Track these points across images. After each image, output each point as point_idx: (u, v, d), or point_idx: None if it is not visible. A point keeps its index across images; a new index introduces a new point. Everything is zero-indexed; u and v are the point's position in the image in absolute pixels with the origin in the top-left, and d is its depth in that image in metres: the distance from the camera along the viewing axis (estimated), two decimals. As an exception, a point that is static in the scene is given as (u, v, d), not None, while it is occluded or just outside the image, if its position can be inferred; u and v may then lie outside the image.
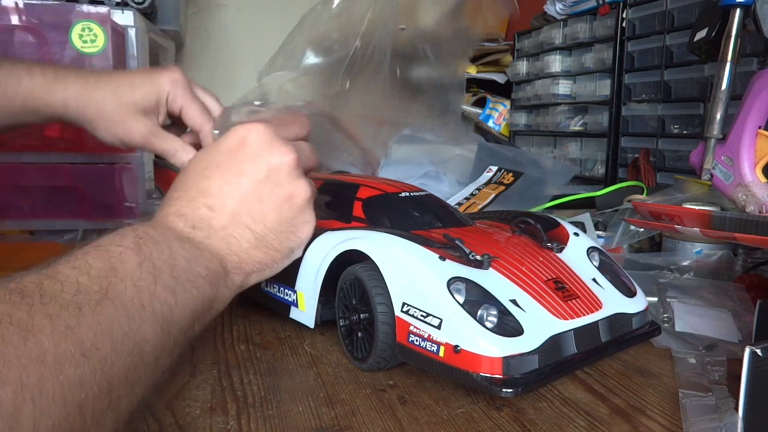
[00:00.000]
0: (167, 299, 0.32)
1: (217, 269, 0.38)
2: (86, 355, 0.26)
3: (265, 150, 0.41)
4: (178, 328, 0.33)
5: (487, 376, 0.34)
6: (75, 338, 0.26)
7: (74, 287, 0.28)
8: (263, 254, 0.41)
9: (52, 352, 0.24)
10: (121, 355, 0.28)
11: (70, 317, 0.26)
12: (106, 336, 0.27)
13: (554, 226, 0.50)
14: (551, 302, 0.40)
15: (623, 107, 1.10)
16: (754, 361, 0.31)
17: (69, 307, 0.27)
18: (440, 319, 0.36)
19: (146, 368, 0.30)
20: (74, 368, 0.25)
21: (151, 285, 0.31)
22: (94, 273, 0.29)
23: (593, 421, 0.35)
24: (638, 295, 0.45)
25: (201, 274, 0.36)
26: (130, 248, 0.32)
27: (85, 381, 0.25)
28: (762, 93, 0.58)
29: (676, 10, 0.96)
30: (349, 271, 0.43)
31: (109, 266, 0.31)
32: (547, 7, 1.33)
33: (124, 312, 0.29)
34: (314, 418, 0.35)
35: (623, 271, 0.47)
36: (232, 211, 0.40)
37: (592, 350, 0.39)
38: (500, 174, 0.98)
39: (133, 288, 0.30)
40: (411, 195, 0.52)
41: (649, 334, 0.44)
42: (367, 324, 0.41)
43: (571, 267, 0.45)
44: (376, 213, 0.49)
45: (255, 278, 0.42)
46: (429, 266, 0.38)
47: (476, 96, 1.60)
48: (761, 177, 0.58)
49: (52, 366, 0.24)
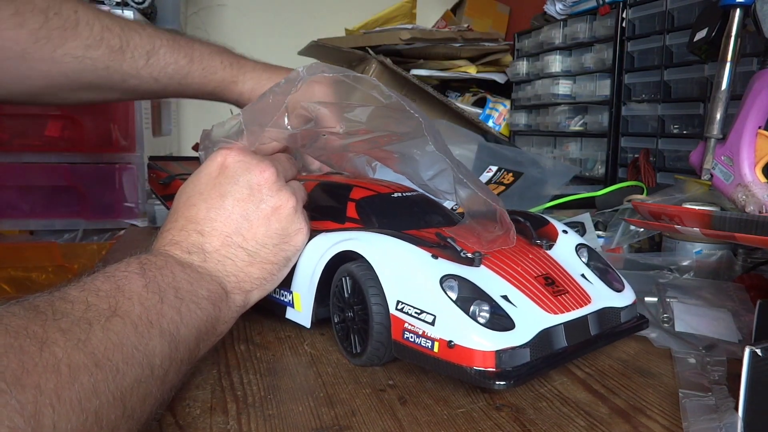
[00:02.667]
0: (173, 318, 0.33)
1: (218, 290, 0.39)
2: (99, 365, 0.27)
3: (243, 170, 0.42)
4: (184, 346, 0.34)
5: (480, 369, 0.35)
6: (87, 350, 0.27)
7: (84, 305, 0.29)
8: (260, 270, 0.42)
9: (66, 362, 0.25)
10: (133, 367, 0.29)
11: (81, 331, 0.27)
12: (117, 349, 0.28)
13: (543, 224, 0.51)
14: (541, 297, 0.41)
15: (623, 107, 1.10)
16: (754, 361, 0.31)
17: (80, 323, 0.28)
18: (434, 316, 0.37)
19: (156, 382, 0.31)
20: (88, 377, 0.26)
21: (157, 304, 0.33)
22: (102, 294, 0.31)
23: (593, 421, 0.35)
24: (626, 290, 0.46)
25: (203, 295, 0.37)
26: (136, 272, 0.34)
27: (99, 390, 0.26)
28: (762, 93, 0.58)
29: (676, 10, 0.96)
30: (344, 267, 0.43)
31: (117, 287, 0.32)
32: (547, 7, 1.33)
33: (132, 328, 0.30)
34: (314, 418, 0.35)
35: (611, 266, 0.48)
36: (221, 233, 0.41)
37: (582, 343, 0.41)
38: (500, 174, 0.98)
39: (140, 306, 0.32)
40: (403, 195, 0.52)
41: (637, 327, 0.45)
42: (361, 321, 0.42)
43: (560, 263, 0.46)
44: (370, 213, 0.49)
45: (257, 294, 0.43)
46: (422, 265, 0.39)
47: (476, 96, 1.60)
48: (761, 177, 0.58)
49: (66, 374, 0.25)
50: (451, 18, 1.86)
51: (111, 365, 0.27)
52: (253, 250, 0.41)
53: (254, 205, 0.42)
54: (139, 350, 0.30)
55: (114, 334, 0.29)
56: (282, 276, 0.45)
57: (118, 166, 1.17)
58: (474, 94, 1.61)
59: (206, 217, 0.41)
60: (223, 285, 0.40)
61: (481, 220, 0.45)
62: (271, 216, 0.42)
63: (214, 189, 0.42)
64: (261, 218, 0.42)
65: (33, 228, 1.20)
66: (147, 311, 0.32)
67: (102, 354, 0.27)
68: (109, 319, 0.29)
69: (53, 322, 0.27)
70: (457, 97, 1.63)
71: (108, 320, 0.29)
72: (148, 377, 0.30)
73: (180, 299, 0.35)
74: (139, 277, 0.34)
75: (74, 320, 0.28)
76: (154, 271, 0.35)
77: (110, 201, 1.18)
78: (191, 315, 0.35)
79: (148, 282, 0.34)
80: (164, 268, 0.36)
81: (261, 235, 0.42)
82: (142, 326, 0.31)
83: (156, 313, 0.32)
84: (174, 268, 0.37)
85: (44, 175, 1.17)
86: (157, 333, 0.32)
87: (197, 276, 0.38)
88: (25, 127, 1.16)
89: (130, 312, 0.31)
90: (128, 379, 0.28)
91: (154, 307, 0.32)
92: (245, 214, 0.41)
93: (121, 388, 0.27)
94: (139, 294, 0.32)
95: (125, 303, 0.31)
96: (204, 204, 0.41)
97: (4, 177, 1.15)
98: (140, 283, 0.33)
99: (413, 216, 0.50)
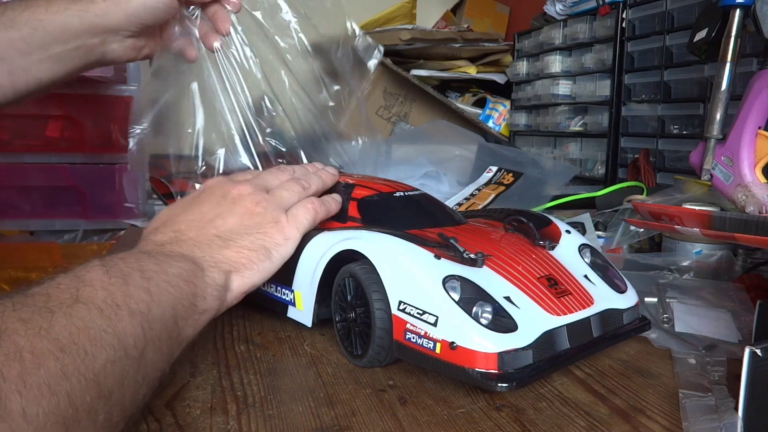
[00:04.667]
0: (142, 297, 0.33)
1: (190, 267, 0.39)
2: (64, 350, 0.26)
3: (219, 184, 0.47)
4: (159, 324, 0.33)
5: (483, 371, 0.35)
6: (50, 336, 0.26)
7: (44, 297, 0.29)
8: (236, 253, 0.42)
9: (29, 349, 0.25)
10: (103, 349, 0.28)
11: (42, 320, 0.27)
12: (82, 332, 0.28)
13: (546, 224, 0.50)
14: (544, 299, 0.40)
15: (623, 107, 1.10)
16: (754, 361, 0.31)
17: (41, 312, 0.28)
18: (436, 317, 0.37)
19: (131, 362, 0.30)
20: (54, 361, 0.26)
21: (122, 287, 0.32)
22: (63, 286, 0.31)
23: (593, 421, 0.35)
24: (629, 291, 0.46)
25: (174, 273, 0.37)
26: (96, 265, 0.34)
27: (67, 372, 0.26)
28: (762, 93, 0.59)
29: (676, 10, 0.96)
30: (346, 268, 0.43)
31: (77, 278, 0.32)
32: (547, 8, 1.33)
33: (98, 311, 0.30)
34: (314, 418, 0.35)
35: (614, 267, 0.48)
36: (196, 226, 0.43)
37: (585, 345, 0.41)
38: (500, 174, 0.98)
39: (103, 291, 0.31)
40: (405, 194, 0.52)
41: (640, 329, 0.45)
42: (363, 323, 0.42)
43: (563, 264, 0.45)
44: (372, 213, 0.49)
45: (239, 280, 0.42)
46: (425, 265, 0.39)
47: (476, 96, 1.60)
48: (761, 177, 0.58)
49: (30, 361, 0.25)
50: (451, 18, 1.87)
51: (78, 349, 0.27)
52: (226, 236, 0.43)
53: (227, 207, 0.45)
54: (108, 332, 0.29)
55: (78, 319, 0.28)
56: (266, 267, 0.44)
57: (118, 166, 1.17)
58: (474, 94, 1.61)
59: (184, 220, 0.44)
60: (197, 262, 0.40)
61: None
62: (244, 214, 0.45)
63: (194, 202, 0.46)
64: (235, 214, 0.44)
65: (33, 228, 1.20)
66: (111, 295, 0.31)
67: (67, 339, 0.27)
68: (71, 306, 0.29)
69: (12, 313, 0.27)
70: (457, 97, 1.63)
71: (70, 307, 0.29)
72: (122, 358, 0.29)
73: (147, 279, 0.34)
74: (100, 267, 0.33)
75: (35, 310, 0.27)
76: (115, 261, 0.35)
77: (110, 201, 1.18)
78: (162, 293, 0.35)
79: (109, 269, 0.33)
80: (127, 258, 0.36)
81: (233, 224, 0.44)
82: (108, 309, 0.30)
83: (122, 295, 0.32)
84: (138, 256, 0.37)
85: (44, 175, 1.16)
86: (125, 314, 0.31)
87: (165, 257, 0.38)
88: (25, 128, 1.16)
89: (93, 297, 0.30)
90: (99, 360, 0.28)
91: (119, 290, 0.32)
92: (220, 213, 0.44)
93: (92, 370, 0.27)
94: (101, 280, 0.32)
95: (87, 290, 0.31)
96: (184, 215, 0.45)
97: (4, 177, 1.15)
98: (101, 271, 0.33)
99: (415, 215, 0.50)
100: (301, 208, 0.47)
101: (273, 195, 0.47)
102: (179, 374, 0.41)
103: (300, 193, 0.48)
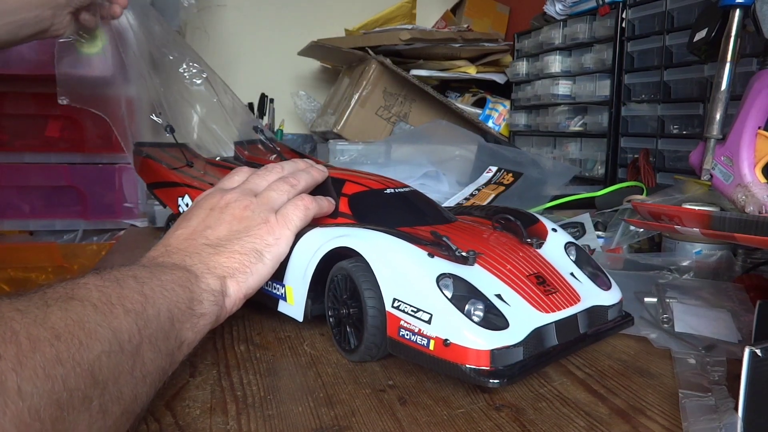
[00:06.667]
0: (137, 298, 0.33)
1: (183, 274, 0.39)
2: (60, 338, 0.27)
3: (208, 198, 0.48)
4: (155, 323, 0.34)
5: (475, 367, 0.36)
6: (46, 325, 0.27)
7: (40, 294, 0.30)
8: (228, 258, 0.43)
9: (25, 335, 0.26)
10: (98, 341, 0.29)
11: (38, 311, 0.28)
12: (77, 325, 0.28)
13: (533, 222, 0.51)
14: (534, 296, 0.41)
15: (623, 107, 1.10)
16: (754, 362, 0.31)
17: (37, 303, 0.28)
18: (430, 314, 0.37)
19: (126, 357, 0.30)
20: (49, 347, 0.26)
21: (116, 289, 0.33)
22: (59, 288, 0.31)
23: (593, 421, 0.35)
24: (613, 288, 0.47)
25: (167, 279, 0.37)
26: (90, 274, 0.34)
27: (62, 358, 0.26)
28: (762, 93, 0.59)
29: (676, 10, 0.96)
30: (340, 266, 0.44)
31: (72, 281, 0.32)
32: (546, 8, 1.32)
33: (92, 307, 0.30)
34: (314, 418, 0.35)
35: (599, 265, 0.49)
36: (187, 239, 0.44)
37: (572, 341, 0.41)
38: (500, 174, 0.98)
39: (98, 291, 0.32)
40: (396, 191, 0.52)
41: (623, 325, 0.46)
42: (356, 319, 0.42)
43: (550, 262, 0.46)
44: (362, 209, 0.49)
45: (235, 285, 0.42)
46: (419, 264, 0.40)
47: (476, 96, 1.60)
48: (761, 177, 0.58)
49: (26, 345, 0.25)
50: (450, 18, 1.87)
51: (72, 338, 0.27)
52: (216, 243, 0.44)
53: (215, 217, 0.46)
54: (103, 326, 0.29)
55: (73, 313, 0.29)
56: (261, 270, 0.44)
57: (118, 166, 1.17)
58: (474, 94, 1.61)
59: (173, 235, 0.45)
60: (190, 270, 0.40)
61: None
62: (233, 221, 0.45)
63: (184, 218, 0.47)
64: (224, 224, 0.45)
65: (33, 228, 1.20)
66: (106, 294, 0.32)
67: (62, 329, 0.27)
68: (66, 301, 0.29)
69: (9, 304, 0.27)
70: (457, 97, 1.63)
71: (66, 302, 0.29)
72: (117, 351, 0.29)
73: (141, 283, 0.35)
74: (94, 273, 0.34)
75: (31, 302, 0.28)
76: (109, 270, 0.35)
77: (110, 201, 1.18)
78: (157, 295, 0.35)
79: (103, 275, 0.34)
80: (120, 269, 0.36)
81: (223, 231, 0.45)
82: (103, 306, 0.31)
83: (117, 296, 0.32)
84: (131, 267, 0.38)
85: (44, 175, 1.17)
86: (120, 311, 0.31)
87: (157, 267, 0.39)
88: (25, 128, 1.16)
89: (87, 296, 0.31)
90: (94, 351, 0.28)
91: (113, 291, 0.32)
92: (209, 224, 0.45)
93: (87, 359, 0.27)
94: (95, 283, 0.32)
95: (81, 289, 0.31)
96: (174, 231, 0.46)
97: (4, 177, 1.15)
98: (95, 276, 0.33)
99: (406, 212, 0.51)
100: (291, 206, 0.47)
101: (261, 197, 0.47)
102: (179, 374, 0.41)
103: (288, 191, 0.48)
